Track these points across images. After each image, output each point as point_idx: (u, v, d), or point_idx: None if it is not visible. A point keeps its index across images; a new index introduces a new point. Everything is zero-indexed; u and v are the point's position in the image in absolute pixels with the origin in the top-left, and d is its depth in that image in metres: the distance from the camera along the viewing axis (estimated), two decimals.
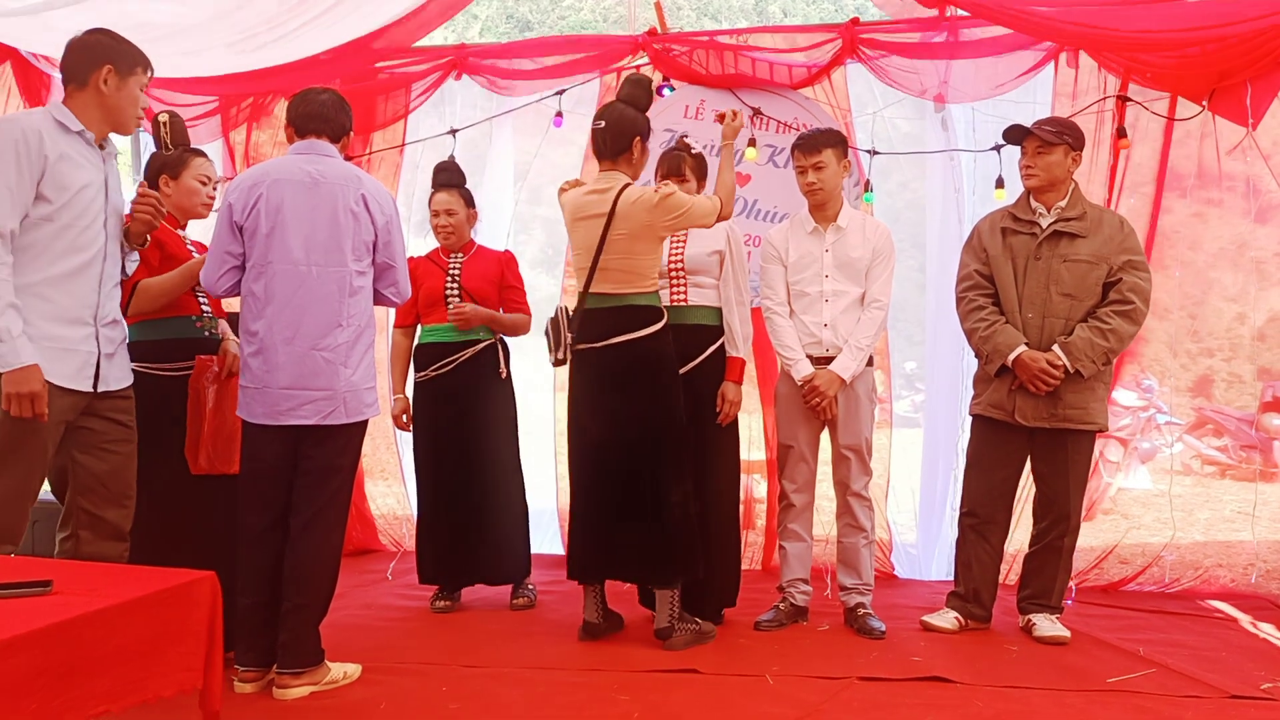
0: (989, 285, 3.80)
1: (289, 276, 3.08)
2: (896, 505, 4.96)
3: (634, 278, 3.58)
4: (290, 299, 3.08)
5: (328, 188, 3.12)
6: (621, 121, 3.60)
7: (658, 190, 3.54)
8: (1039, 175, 3.74)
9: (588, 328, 3.60)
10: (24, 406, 2.72)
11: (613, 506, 3.57)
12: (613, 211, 3.53)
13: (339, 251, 3.11)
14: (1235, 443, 7.15)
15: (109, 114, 2.93)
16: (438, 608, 4.18)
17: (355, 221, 3.14)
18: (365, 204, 3.15)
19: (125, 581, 2.28)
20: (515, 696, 3.13)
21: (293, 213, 3.08)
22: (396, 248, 3.26)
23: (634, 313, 3.58)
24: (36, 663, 1.90)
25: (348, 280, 3.13)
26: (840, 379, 3.81)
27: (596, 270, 3.57)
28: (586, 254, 3.61)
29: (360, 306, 3.18)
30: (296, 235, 3.08)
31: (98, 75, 2.89)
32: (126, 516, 3.07)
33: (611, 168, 3.63)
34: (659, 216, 3.50)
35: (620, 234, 3.53)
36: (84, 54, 2.91)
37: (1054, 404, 3.67)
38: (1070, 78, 4.56)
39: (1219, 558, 4.84)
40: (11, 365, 2.70)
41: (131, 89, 2.95)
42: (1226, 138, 4.38)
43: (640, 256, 3.57)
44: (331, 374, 3.09)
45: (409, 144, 5.25)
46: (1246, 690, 3.21)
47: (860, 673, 3.35)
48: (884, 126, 4.84)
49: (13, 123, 2.79)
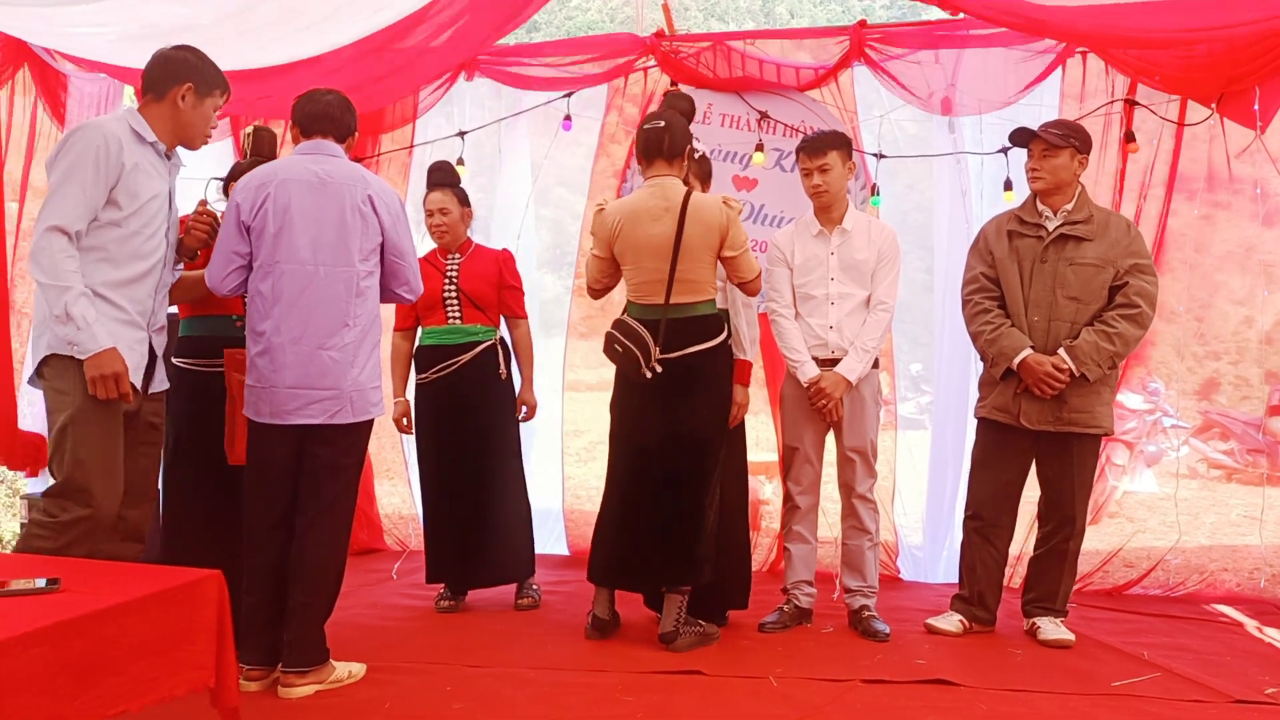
0: (995, 288, 3.80)
1: (296, 276, 3.09)
2: (902, 507, 4.96)
3: (702, 286, 3.59)
4: (298, 299, 3.09)
5: (335, 188, 3.13)
6: (679, 125, 3.62)
7: (728, 205, 3.56)
8: (1045, 178, 3.73)
9: (668, 339, 3.57)
10: (109, 388, 2.81)
11: (654, 514, 3.58)
12: (683, 218, 3.53)
13: (346, 251, 3.13)
14: (1242, 446, 7.12)
15: (181, 129, 3.04)
16: (442, 607, 4.19)
17: (362, 221, 3.15)
18: (372, 204, 3.17)
19: (132, 580, 2.30)
20: (519, 696, 3.14)
21: (300, 213, 3.10)
22: (405, 246, 3.27)
23: (703, 323, 3.60)
24: (49, 660, 1.92)
25: (355, 280, 3.14)
26: (846, 381, 3.81)
27: (675, 281, 3.56)
28: (654, 260, 3.57)
29: (367, 306, 3.19)
30: (304, 235, 3.09)
31: (177, 91, 3.00)
32: (146, 518, 3.16)
33: (666, 170, 3.61)
34: (722, 243, 3.54)
35: (690, 242, 3.53)
36: (167, 68, 3.02)
37: (1059, 407, 3.67)
38: (1078, 81, 4.56)
39: (1224, 562, 4.83)
40: (91, 351, 2.80)
41: (207, 109, 3.06)
42: (1235, 141, 4.38)
43: (707, 266, 3.58)
44: (339, 374, 3.11)
45: (418, 145, 5.26)
46: (1251, 695, 3.21)
47: (864, 675, 3.36)
48: (891, 129, 4.84)
49: (96, 128, 2.88)
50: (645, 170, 3.67)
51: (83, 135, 2.85)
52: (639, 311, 3.64)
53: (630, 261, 3.65)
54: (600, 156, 5.15)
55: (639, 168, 3.73)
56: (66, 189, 2.80)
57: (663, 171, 3.61)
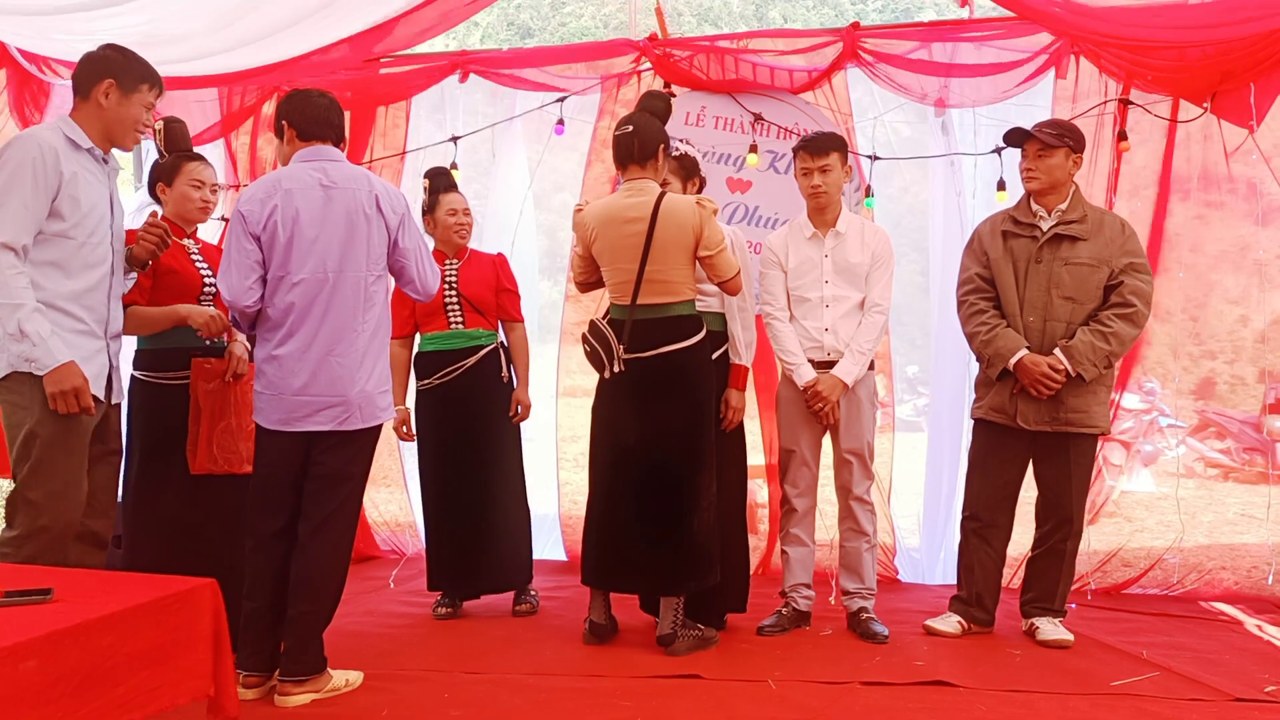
0: (990, 289, 3.80)
1: (308, 286, 3.08)
2: (899, 509, 4.96)
3: (676, 287, 3.58)
4: (309, 308, 3.08)
5: (339, 193, 3.12)
6: (648, 128, 3.62)
7: (701, 205, 3.55)
8: (1040, 178, 3.73)
9: (635, 338, 3.59)
10: (69, 402, 2.79)
11: (639, 515, 3.57)
12: (654, 220, 3.53)
13: (354, 257, 3.11)
14: (1238, 445, 7.14)
15: (109, 128, 2.97)
16: (440, 614, 4.18)
17: (369, 225, 3.13)
18: (378, 204, 3.15)
19: (126, 589, 2.28)
20: (517, 703, 3.13)
21: (309, 221, 3.08)
22: (412, 244, 3.24)
23: (677, 323, 3.59)
24: (46, 670, 1.90)
25: (363, 285, 3.13)
26: (843, 384, 3.81)
27: (643, 282, 3.57)
28: (627, 262, 3.58)
29: (375, 311, 3.18)
30: (313, 244, 3.08)
31: (99, 89, 2.92)
32: (109, 526, 3.13)
33: (640, 174, 3.63)
34: (697, 243, 3.53)
35: (662, 243, 3.53)
36: (90, 67, 2.96)
37: (1056, 407, 3.67)
38: (1071, 81, 4.56)
39: (1222, 560, 4.82)
40: (48, 366, 2.76)
41: (134, 105, 2.97)
42: (1229, 140, 4.38)
43: (682, 267, 3.58)
44: (348, 380, 3.10)
45: (410, 151, 5.25)
46: (1250, 693, 3.21)
47: (863, 677, 3.35)
48: (885, 131, 4.84)
49: (30, 139, 2.83)
50: (622, 175, 3.69)
51: (18, 147, 2.80)
52: (614, 312, 3.68)
53: (607, 262, 3.68)
54: (594, 161, 5.15)
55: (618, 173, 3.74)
56: (7, 204, 2.74)
57: (637, 175, 3.63)
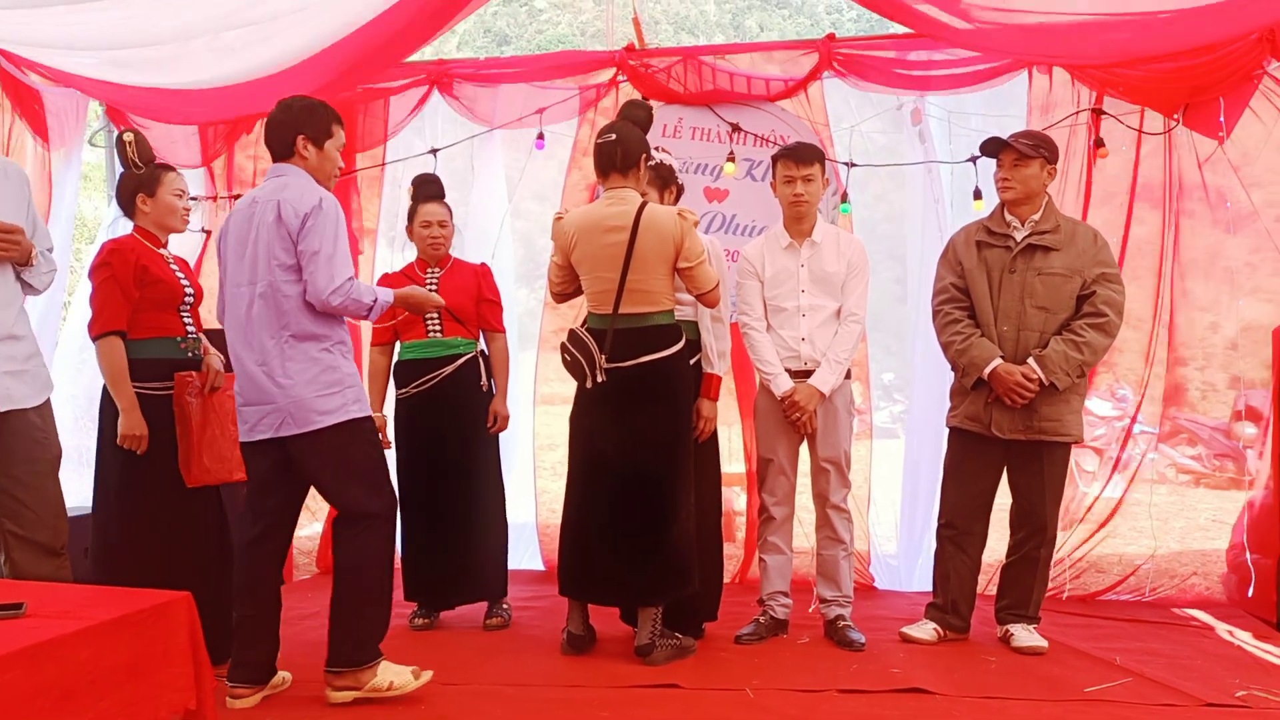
0: (964, 298, 3.83)
1: (234, 299, 3.18)
2: (876, 516, 4.98)
3: (656, 297, 3.59)
4: (235, 320, 3.17)
5: (259, 208, 3.15)
6: (631, 137, 3.62)
7: (682, 217, 3.55)
8: (1016, 188, 3.77)
9: (616, 348, 3.58)
10: None
11: (617, 525, 3.56)
12: (635, 230, 3.53)
13: (266, 266, 3.10)
14: (1209, 451, 7.22)
15: None
16: (416, 625, 4.16)
17: (273, 233, 3.10)
18: (279, 211, 3.09)
19: (100, 603, 2.27)
20: (496, 713, 3.12)
21: (236, 238, 3.19)
22: (312, 246, 3.07)
23: (658, 332, 3.59)
24: (22, 685, 1.89)
25: (274, 293, 3.10)
26: (820, 393, 3.83)
27: (624, 291, 3.57)
28: (608, 271, 3.58)
29: (290, 318, 3.11)
30: (238, 260, 3.16)
31: None
32: (59, 534, 3.10)
33: (621, 183, 3.62)
34: (677, 254, 3.54)
35: (643, 253, 3.53)
36: None
37: (1029, 416, 3.70)
38: (1044, 90, 4.62)
39: (1194, 566, 4.88)
40: None
41: None
42: (1199, 150, 4.44)
43: (663, 278, 3.58)
44: (272, 388, 3.11)
45: (390, 163, 5.25)
46: (1222, 698, 3.24)
47: (840, 685, 3.37)
48: (861, 140, 4.87)
49: None
50: (603, 184, 3.69)
51: None
52: (594, 321, 3.67)
53: (586, 271, 3.67)
54: (572, 170, 5.15)
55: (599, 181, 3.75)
56: None
57: (619, 184, 3.63)
